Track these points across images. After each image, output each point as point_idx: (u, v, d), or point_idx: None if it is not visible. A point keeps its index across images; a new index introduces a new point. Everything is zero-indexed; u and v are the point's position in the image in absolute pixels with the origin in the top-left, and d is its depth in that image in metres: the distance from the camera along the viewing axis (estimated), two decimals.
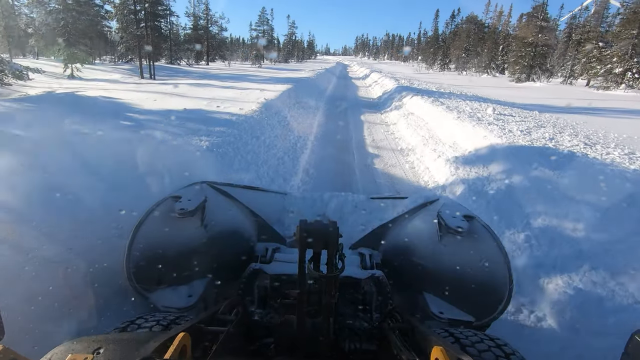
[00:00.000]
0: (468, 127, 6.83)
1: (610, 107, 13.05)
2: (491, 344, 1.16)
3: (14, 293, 1.54)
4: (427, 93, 12.81)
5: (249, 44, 53.44)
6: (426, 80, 21.94)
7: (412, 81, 19.69)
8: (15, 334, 1.38)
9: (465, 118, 7.54)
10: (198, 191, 2.08)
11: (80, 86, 12.86)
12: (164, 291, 1.71)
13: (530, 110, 9.83)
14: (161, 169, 2.46)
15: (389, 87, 16.56)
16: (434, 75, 35.45)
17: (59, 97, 9.97)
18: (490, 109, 8.66)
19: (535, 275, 2.71)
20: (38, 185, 1.97)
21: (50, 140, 2.65)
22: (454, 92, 14.12)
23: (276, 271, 1.76)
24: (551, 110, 10.60)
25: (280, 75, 20.06)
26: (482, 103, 10.84)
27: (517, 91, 18.85)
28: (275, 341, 1.37)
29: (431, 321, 1.70)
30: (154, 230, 1.78)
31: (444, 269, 1.82)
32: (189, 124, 5.98)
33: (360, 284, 1.75)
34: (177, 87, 12.13)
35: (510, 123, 7.23)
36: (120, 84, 14.61)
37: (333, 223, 1.11)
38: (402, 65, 61.76)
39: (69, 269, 1.75)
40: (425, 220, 2.11)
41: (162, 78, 18.46)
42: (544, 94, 17.63)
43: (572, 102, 13.03)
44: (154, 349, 0.75)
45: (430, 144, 6.94)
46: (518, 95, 15.51)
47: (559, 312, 2.38)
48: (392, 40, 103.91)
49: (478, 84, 23.18)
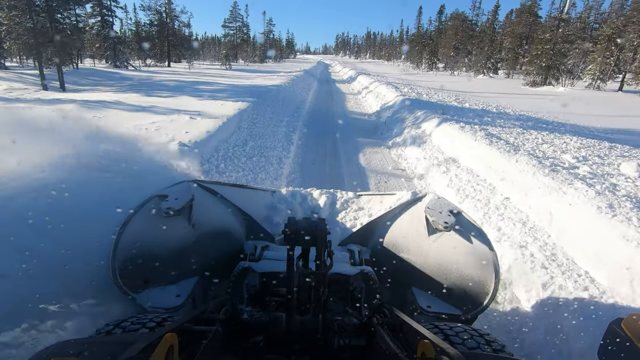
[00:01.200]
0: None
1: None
2: (480, 339, 1.20)
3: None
4: (456, 113, 8.54)
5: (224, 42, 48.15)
6: (424, 84, 18.19)
7: (413, 88, 15.56)
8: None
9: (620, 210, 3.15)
10: (185, 190, 1.99)
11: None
12: (151, 291, 1.68)
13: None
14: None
15: (390, 99, 12.22)
16: (425, 76, 31.70)
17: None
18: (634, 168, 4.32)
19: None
20: None
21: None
22: (489, 110, 9.91)
23: (265, 269, 1.77)
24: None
25: (244, 83, 15.40)
26: (582, 139, 6.50)
27: (554, 103, 13.95)
28: (265, 339, 1.30)
29: (419, 315, 1.74)
30: (140, 230, 1.69)
31: (432, 263, 1.88)
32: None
33: (349, 280, 1.76)
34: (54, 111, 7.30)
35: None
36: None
37: (321, 220, 1.14)
38: (387, 65, 57.83)
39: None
40: (412, 216, 2.13)
41: (80, 88, 13.46)
42: (608, 109, 13.36)
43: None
44: (139, 351, 0.74)
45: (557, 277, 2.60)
46: (578, 112, 11.18)
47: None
48: (374, 38, 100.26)
49: (488, 90, 19.31)
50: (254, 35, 50.29)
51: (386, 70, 39.21)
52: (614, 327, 0.84)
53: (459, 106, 10.23)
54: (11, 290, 1.36)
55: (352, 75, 28.32)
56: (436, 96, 12.65)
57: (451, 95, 13.33)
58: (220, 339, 1.07)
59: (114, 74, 19.57)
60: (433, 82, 21.19)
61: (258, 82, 15.53)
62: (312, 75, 25.24)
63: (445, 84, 20.20)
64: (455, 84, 21.50)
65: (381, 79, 20.03)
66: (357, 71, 29.56)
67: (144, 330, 1.13)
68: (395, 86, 15.22)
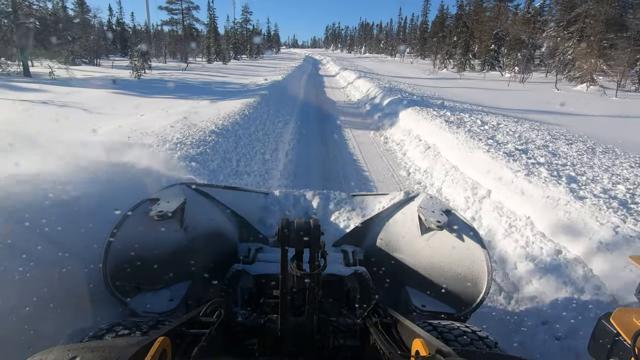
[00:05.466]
0: None
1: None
2: (473, 336, 1.20)
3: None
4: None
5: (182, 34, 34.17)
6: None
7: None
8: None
9: None
10: (177, 193, 1.96)
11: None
12: (144, 296, 1.66)
13: None
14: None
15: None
16: (488, 84, 19.39)
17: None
18: None
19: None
20: None
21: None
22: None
23: (259, 271, 1.77)
24: None
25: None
26: None
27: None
28: (259, 341, 1.30)
29: (414, 314, 1.73)
30: (131, 234, 1.66)
31: (425, 263, 1.88)
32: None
33: (343, 280, 1.76)
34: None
35: None
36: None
37: (314, 221, 1.14)
38: (393, 62, 45.19)
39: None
40: (405, 215, 2.12)
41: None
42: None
43: None
44: (131, 355, 0.73)
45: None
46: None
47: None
48: (370, 29, 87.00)
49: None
50: (210, 24, 36.52)
51: (397, 69, 27.15)
52: (602, 322, 0.86)
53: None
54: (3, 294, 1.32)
55: (356, 83, 16.43)
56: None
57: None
58: (215, 342, 1.06)
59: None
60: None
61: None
62: (297, 82, 16.63)
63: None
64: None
65: (438, 109, 8.76)
66: (359, 72, 17.57)
67: (136, 334, 1.11)
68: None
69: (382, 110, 10.94)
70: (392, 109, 10.25)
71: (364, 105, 12.88)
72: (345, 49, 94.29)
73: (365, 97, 14.03)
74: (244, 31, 48.77)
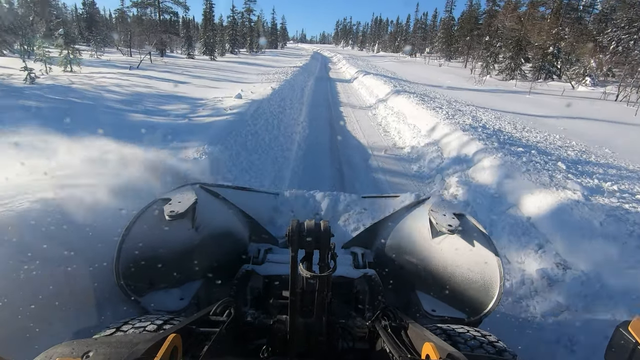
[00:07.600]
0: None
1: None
2: (483, 340, 1.19)
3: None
4: None
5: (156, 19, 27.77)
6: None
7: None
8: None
9: None
10: (188, 193, 1.96)
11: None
12: (155, 294, 1.68)
13: None
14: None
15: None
16: (585, 106, 13.22)
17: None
18: None
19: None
20: None
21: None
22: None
23: (269, 272, 1.80)
24: None
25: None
26: None
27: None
28: (268, 342, 1.31)
29: (424, 319, 1.71)
30: (143, 233, 1.68)
31: (436, 267, 1.85)
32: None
33: (353, 283, 1.77)
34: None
35: None
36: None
37: (325, 223, 1.12)
38: (413, 63, 38.73)
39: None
40: (416, 218, 2.09)
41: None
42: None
43: None
44: (144, 351, 0.73)
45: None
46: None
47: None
48: (384, 26, 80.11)
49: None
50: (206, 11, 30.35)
51: (427, 74, 21.60)
52: (620, 330, 0.84)
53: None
54: (14, 291, 1.36)
55: (390, 104, 11.08)
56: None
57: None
58: (224, 341, 1.07)
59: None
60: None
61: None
62: (298, 102, 10.53)
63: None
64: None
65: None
66: (394, 87, 11.47)
67: (147, 332, 1.12)
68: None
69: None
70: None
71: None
72: (357, 45, 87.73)
73: (433, 150, 6.48)
74: (246, 22, 42.46)
